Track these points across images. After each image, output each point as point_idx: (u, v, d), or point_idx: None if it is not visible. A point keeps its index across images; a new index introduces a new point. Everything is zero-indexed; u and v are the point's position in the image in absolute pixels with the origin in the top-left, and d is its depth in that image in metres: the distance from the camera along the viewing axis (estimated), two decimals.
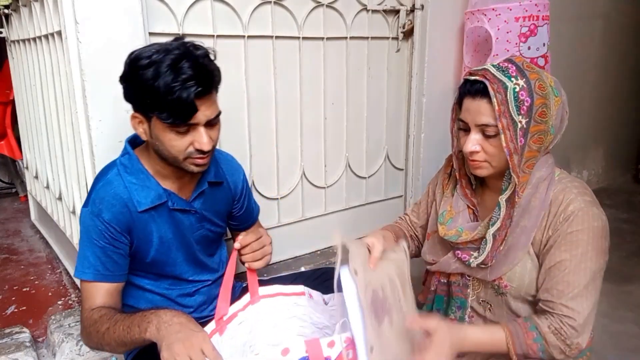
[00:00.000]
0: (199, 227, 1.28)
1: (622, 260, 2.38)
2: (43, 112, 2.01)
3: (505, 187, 1.07)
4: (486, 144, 1.06)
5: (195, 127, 1.08)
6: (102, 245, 1.13)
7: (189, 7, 1.63)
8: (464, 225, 1.17)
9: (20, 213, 2.98)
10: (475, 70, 1.09)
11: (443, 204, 1.24)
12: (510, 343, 1.04)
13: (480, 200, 1.21)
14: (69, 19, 1.39)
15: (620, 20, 3.41)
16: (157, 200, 1.17)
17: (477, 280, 1.17)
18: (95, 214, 1.12)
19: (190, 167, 1.13)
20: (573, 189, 1.07)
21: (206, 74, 1.06)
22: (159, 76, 1.01)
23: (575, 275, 1.02)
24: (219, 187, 1.32)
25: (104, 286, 1.14)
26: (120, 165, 1.17)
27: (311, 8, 1.94)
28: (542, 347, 1.03)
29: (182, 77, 1.01)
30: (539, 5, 2.00)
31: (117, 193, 1.13)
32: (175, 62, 1.02)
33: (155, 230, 1.19)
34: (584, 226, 1.03)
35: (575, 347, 1.02)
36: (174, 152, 1.10)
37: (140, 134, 1.14)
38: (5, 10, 2.22)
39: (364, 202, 2.34)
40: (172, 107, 1.02)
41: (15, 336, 1.56)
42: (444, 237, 1.17)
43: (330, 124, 2.13)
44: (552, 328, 1.02)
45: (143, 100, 1.06)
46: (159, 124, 1.07)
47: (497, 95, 1.01)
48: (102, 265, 1.13)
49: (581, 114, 3.29)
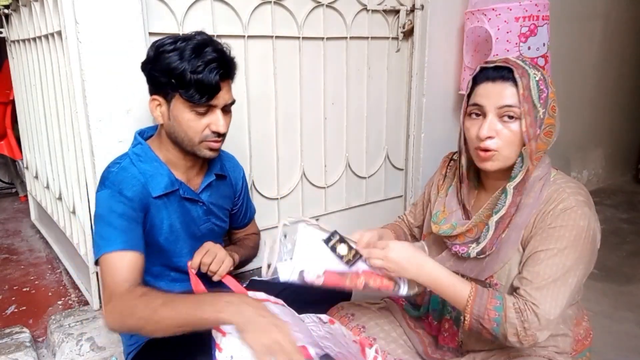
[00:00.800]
0: (206, 220, 1.31)
1: (622, 260, 2.38)
2: (43, 112, 2.01)
3: (516, 174, 1.07)
4: (502, 131, 1.05)
5: (213, 110, 1.15)
6: (127, 219, 1.12)
7: (189, 7, 1.63)
8: (458, 222, 1.16)
9: (20, 213, 2.98)
10: (492, 60, 1.10)
11: (437, 205, 1.24)
12: (471, 298, 1.02)
13: (474, 201, 1.21)
14: (69, 19, 1.39)
15: (620, 20, 3.41)
16: (170, 187, 1.20)
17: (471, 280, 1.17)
18: (117, 192, 1.14)
19: (203, 152, 1.18)
20: (567, 189, 1.06)
21: (228, 59, 1.16)
22: (184, 58, 1.09)
23: (547, 267, 1.01)
24: (223, 182, 1.36)
25: (133, 258, 1.09)
26: (133, 155, 1.21)
27: (311, 8, 1.94)
28: (499, 318, 1.00)
29: (208, 59, 1.10)
30: (539, 5, 2.00)
31: (134, 176, 1.17)
32: (199, 46, 1.11)
33: (166, 218, 1.22)
34: (569, 223, 1.01)
35: (530, 335, 0.99)
36: (191, 133, 1.15)
37: (157, 117, 1.18)
38: (5, 10, 2.22)
39: (364, 202, 2.34)
40: (198, 86, 1.09)
41: (15, 336, 1.56)
42: (439, 232, 1.17)
43: (330, 124, 2.13)
44: (517, 306, 1.00)
45: (168, 81, 1.12)
46: (180, 105, 1.13)
47: (523, 79, 1.03)
48: (129, 235, 1.11)
49: (581, 114, 3.30)
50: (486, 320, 1.01)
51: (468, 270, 1.15)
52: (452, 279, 1.06)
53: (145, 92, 1.51)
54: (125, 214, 1.12)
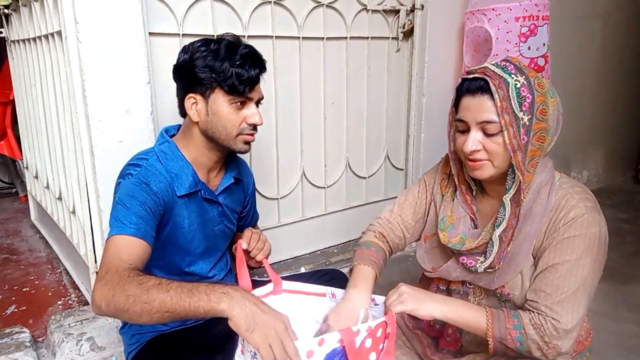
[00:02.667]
0: (220, 222, 1.33)
1: (622, 260, 2.38)
2: (43, 112, 2.01)
3: (509, 186, 1.05)
4: (487, 142, 1.03)
5: (249, 104, 1.21)
6: (146, 209, 1.12)
7: (189, 7, 1.64)
8: (467, 233, 1.14)
9: (20, 213, 2.98)
10: (472, 69, 1.07)
11: (443, 209, 1.20)
12: (490, 322, 1.02)
13: (480, 207, 1.18)
14: (69, 19, 1.39)
15: (620, 20, 3.41)
16: (194, 187, 1.22)
17: (479, 288, 1.15)
18: (143, 182, 1.14)
19: (239, 145, 1.23)
20: (575, 195, 1.05)
21: (260, 57, 1.22)
22: (220, 56, 1.15)
23: (566, 280, 1.01)
24: (237, 186, 1.38)
25: (141, 246, 1.07)
26: (160, 152, 1.22)
27: (311, 8, 1.94)
28: (521, 337, 1.00)
29: (243, 53, 1.17)
30: (539, 5, 2.00)
31: (161, 173, 1.18)
32: (232, 46, 1.17)
33: (186, 217, 1.23)
34: (582, 232, 1.01)
35: (553, 347, 0.99)
36: (230, 126, 1.19)
37: (193, 115, 1.21)
38: (5, 10, 2.22)
39: (364, 202, 2.34)
40: (238, 78, 1.15)
41: (15, 336, 1.56)
42: (448, 245, 1.14)
43: (330, 124, 2.13)
44: (533, 322, 1.00)
45: (209, 76, 1.16)
46: (219, 99, 1.18)
47: (499, 90, 0.99)
48: (144, 224, 1.10)
49: (581, 114, 3.30)
50: (509, 341, 1.02)
51: (477, 279, 1.13)
52: (468, 308, 1.07)
53: (145, 92, 1.52)
54: (146, 204, 1.12)
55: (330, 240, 2.27)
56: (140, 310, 0.93)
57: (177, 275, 1.27)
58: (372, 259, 1.19)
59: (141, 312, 0.93)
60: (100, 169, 1.48)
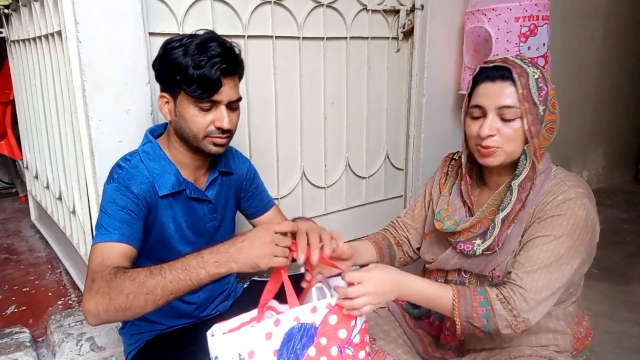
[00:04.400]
0: (212, 219, 1.31)
1: (622, 260, 2.38)
2: (43, 112, 2.01)
3: (520, 171, 1.08)
4: (503, 128, 1.06)
5: (218, 106, 1.15)
6: (128, 213, 1.12)
7: (189, 7, 1.64)
8: (461, 219, 1.17)
9: (20, 213, 2.98)
10: (491, 59, 1.10)
11: (440, 203, 1.24)
12: (456, 301, 1.02)
13: (477, 199, 1.21)
14: (69, 19, 1.39)
15: (620, 20, 3.41)
16: (177, 186, 1.21)
17: (474, 276, 1.17)
18: (124, 186, 1.14)
19: (208, 147, 1.19)
20: (567, 182, 1.08)
21: (232, 55, 1.16)
22: (187, 54, 1.11)
23: (541, 252, 1.02)
24: (229, 178, 1.37)
25: (125, 249, 1.08)
26: (142, 152, 1.22)
27: (311, 8, 1.94)
28: (487, 313, 1.00)
29: (210, 54, 1.11)
30: (539, 5, 2.00)
31: (143, 174, 1.18)
32: (204, 42, 1.12)
33: (171, 216, 1.23)
34: (567, 212, 1.03)
35: (522, 320, 0.99)
36: (195, 129, 1.16)
37: (165, 114, 1.20)
38: (5, 10, 2.22)
39: (364, 202, 2.34)
40: (199, 81, 1.10)
41: (15, 336, 1.56)
42: (442, 229, 1.17)
43: (330, 124, 2.13)
44: (501, 296, 1.00)
45: (172, 77, 1.13)
46: (185, 101, 1.14)
47: (521, 78, 1.03)
48: (128, 228, 1.11)
49: (581, 114, 3.30)
50: (475, 319, 1.00)
51: (473, 266, 1.15)
52: (435, 287, 1.06)
53: (144, 92, 1.52)
54: (127, 207, 1.12)
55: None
56: (144, 302, 0.96)
57: None
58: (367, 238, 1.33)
59: (145, 303, 0.96)
60: (100, 169, 1.48)
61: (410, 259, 1.37)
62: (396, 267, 1.35)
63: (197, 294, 1.33)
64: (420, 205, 1.36)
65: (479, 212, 1.13)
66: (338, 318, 1.00)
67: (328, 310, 0.99)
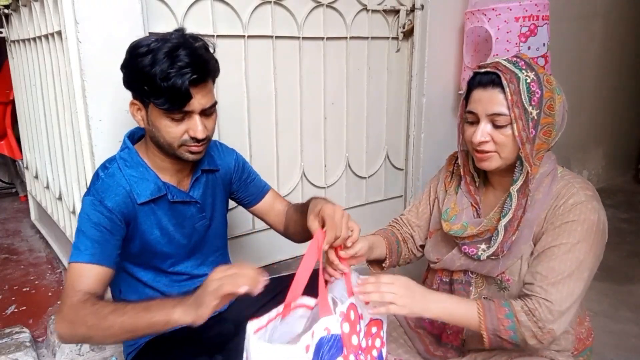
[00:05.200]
0: (201, 218, 1.29)
1: (622, 260, 2.38)
2: (43, 112, 2.01)
3: (517, 177, 1.08)
4: (496, 134, 1.06)
5: (191, 115, 1.10)
6: (101, 230, 1.11)
7: (189, 7, 1.64)
8: (469, 221, 1.17)
9: (20, 213, 2.98)
10: (484, 64, 1.10)
11: (446, 202, 1.24)
12: (482, 315, 1.02)
13: (482, 198, 1.21)
14: (69, 19, 1.39)
15: (620, 20, 3.41)
16: (156, 192, 1.18)
17: (480, 277, 1.17)
18: (98, 200, 1.12)
19: (185, 155, 1.15)
20: (575, 184, 1.08)
21: (202, 62, 1.08)
22: (155, 63, 1.04)
23: (562, 263, 1.02)
24: (214, 175, 1.33)
25: (97, 270, 1.08)
26: (120, 159, 1.19)
27: (311, 8, 1.94)
28: (514, 325, 1.01)
29: (178, 65, 1.04)
30: (539, 5, 2.00)
31: (119, 184, 1.15)
32: (172, 50, 1.05)
33: (155, 223, 1.20)
34: (580, 217, 1.03)
35: (547, 332, 1.00)
36: (169, 138, 1.12)
37: (138, 121, 1.16)
38: (5, 10, 2.22)
39: (364, 202, 2.34)
40: (167, 94, 1.04)
41: (15, 336, 1.56)
42: (449, 232, 1.17)
43: (330, 124, 2.13)
44: (525, 308, 1.01)
45: (141, 87, 1.08)
46: (156, 111, 1.09)
47: (510, 85, 1.03)
48: (100, 248, 1.10)
49: (581, 113, 3.30)
50: (502, 331, 1.01)
51: (479, 267, 1.15)
52: (458, 301, 1.06)
53: None
54: (100, 224, 1.11)
55: None
56: (102, 335, 1.01)
57: (164, 276, 1.27)
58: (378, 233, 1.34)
59: (104, 337, 1.02)
60: None
61: (414, 257, 1.37)
62: (400, 264, 1.35)
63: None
64: (425, 203, 1.36)
65: (487, 220, 1.13)
66: (349, 325, 0.98)
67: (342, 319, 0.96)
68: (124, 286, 1.26)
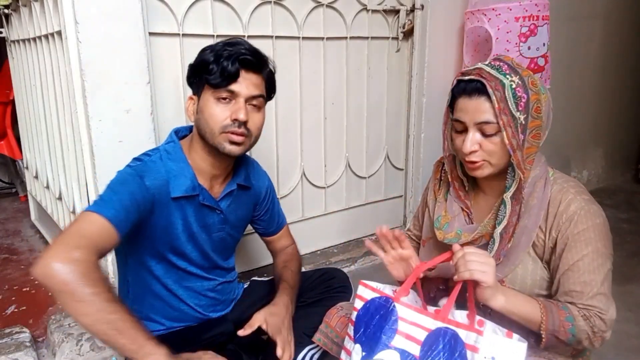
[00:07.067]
0: (220, 229, 1.30)
1: (622, 260, 2.38)
2: (43, 112, 2.01)
3: (510, 184, 1.07)
4: (485, 143, 1.05)
5: (237, 99, 1.16)
6: (133, 200, 1.09)
7: (189, 7, 1.64)
8: (462, 228, 1.15)
9: (20, 213, 2.98)
10: (467, 70, 1.08)
11: (437, 209, 1.23)
12: (544, 315, 1.02)
13: (473, 202, 1.20)
14: (69, 19, 1.39)
15: (620, 20, 3.41)
16: (190, 191, 1.20)
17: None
18: (139, 175, 1.13)
19: (224, 145, 1.17)
20: (570, 189, 1.07)
21: (257, 53, 1.19)
22: (214, 50, 1.16)
23: (591, 274, 1.03)
24: (246, 192, 1.35)
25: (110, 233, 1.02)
26: (163, 151, 1.21)
27: (311, 8, 1.94)
28: (574, 328, 1.01)
29: (235, 47, 1.16)
30: (539, 5, 2.00)
31: (160, 171, 1.17)
32: (231, 42, 1.18)
33: (181, 219, 1.21)
34: (588, 224, 1.03)
35: (599, 337, 1.02)
36: (212, 123, 1.16)
37: (190, 115, 1.22)
38: (5, 10, 2.22)
39: (364, 202, 2.34)
40: (219, 68, 1.13)
41: (15, 336, 1.56)
42: (444, 241, 1.16)
43: (330, 124, 2.13)
44: (582, 313, 1.02)
45: (199, 74, 1.17)
46: (206, 95, 1.17)
47: (496, 92, 1.01)
48: (124, 215, 1.05)
49: (581, 114, 3.29)
50: (562, 333, 1.02)
51: None
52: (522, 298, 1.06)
53: (144, 92, 1.52)
54: (134, 195, 1.10)
55: (330, 240, 2.27)
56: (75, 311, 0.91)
57: (175, 272, 1.27)
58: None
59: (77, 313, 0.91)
60: (100, 169, 1.48)
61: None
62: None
63: (203, 300, 1.33)
64: (421, 215, 1.35)
65: (482, 226, 1.12)
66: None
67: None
68: (132, 276, 1.26)
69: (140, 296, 1.26)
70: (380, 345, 1.00)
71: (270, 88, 1.25)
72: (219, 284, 1.36)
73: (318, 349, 1.33)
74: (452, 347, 0.93)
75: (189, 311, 1.31)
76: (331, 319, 1.26)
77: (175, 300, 1.29)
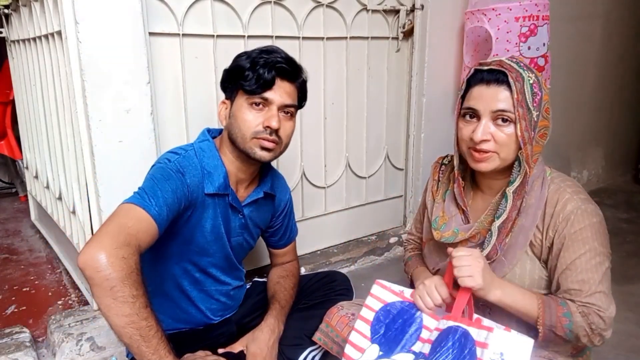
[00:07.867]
0: (239, 234, 1.31)
1: (622, 260, 2.38)
2: (43, 112, 2.01)
3: (514, 178, 1.07)
4: (497, 133, 1.04)
5: (270, 107, 1.17)
6: (175, 198, 1.08)
7: (189, 7, 1.64)
8: (459, 227, 1.15)
9: (20, 213, 2.98)
10: (486, 61, 1.09)
11: (435, 210, 1.23)
12: (541, 310, 1.03)
13: (471, 202, 1.20)
14: (69, 19, 1.39)
15: (620, 20, 3.41)
16: (222, 189, 1.21)
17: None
18: (180, 172, 1.14)
19: (254, 150, 1.18)
20: (567, 189, 1.07)
21: (293, 62, 1.21)
22: (251, 56, 1.19)
23: (588, 272, 1.03)
24: (268, 201, 1.37)
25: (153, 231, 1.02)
26: (198, 149, 1.22)
27: (311, 8, 1.94)
28: (571, 324, 1.02)
29: (272, 55, 1.18)
30: (539, 5, 2.00)
31: (196, 167, 1.18)
32: (268, 50, 1.21)
33: (211, 217, 1.22)
34: (585, 224, 1.04)
35: (598, 333, 1.02)
36: (244, 128, 1.17)
37: (222, 118, 1.23)
38: (5, 10, 2.22)
39: (364, 202, 2.34)
40: (255, 75, 1.15)
41: (15, 336, 1.56)
42: (441, 240, 1.16)
43: (330, 124, 2.13)
44: (580, 310, 1.03)
45: (234, 79, 1.19)
46: (240, 100, 1.19)
47: (517, 83, 1.02)
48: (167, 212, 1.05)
49: (581, 114, 3.29)
50: (559, 328, 1.02)
51: None
52: (520, 291, 1.06)
53: (144, 92, 1.52)
54: (176, 193, 1.09)
55: (330, 240, 2.27)
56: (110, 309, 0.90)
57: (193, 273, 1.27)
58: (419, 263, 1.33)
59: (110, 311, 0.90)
60: (100, 169, 1.48)
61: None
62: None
63: (214, 304, 1.33)
64: (422, 217, 1.36)
65: (478, 222, 1.12)
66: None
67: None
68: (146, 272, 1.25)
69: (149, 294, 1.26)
70: (400, 349, 1.02)
71: (302, 97, 1.26)
72: (233, 289, 1.37)
73: (319, 350, 1.33)
74: (462, 344, 0.94)
75: (196, 314, 1.31)
76: (332, 318, 1.26)
77: (185, 302, 1.28)
